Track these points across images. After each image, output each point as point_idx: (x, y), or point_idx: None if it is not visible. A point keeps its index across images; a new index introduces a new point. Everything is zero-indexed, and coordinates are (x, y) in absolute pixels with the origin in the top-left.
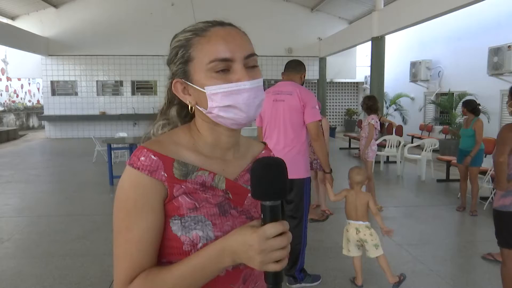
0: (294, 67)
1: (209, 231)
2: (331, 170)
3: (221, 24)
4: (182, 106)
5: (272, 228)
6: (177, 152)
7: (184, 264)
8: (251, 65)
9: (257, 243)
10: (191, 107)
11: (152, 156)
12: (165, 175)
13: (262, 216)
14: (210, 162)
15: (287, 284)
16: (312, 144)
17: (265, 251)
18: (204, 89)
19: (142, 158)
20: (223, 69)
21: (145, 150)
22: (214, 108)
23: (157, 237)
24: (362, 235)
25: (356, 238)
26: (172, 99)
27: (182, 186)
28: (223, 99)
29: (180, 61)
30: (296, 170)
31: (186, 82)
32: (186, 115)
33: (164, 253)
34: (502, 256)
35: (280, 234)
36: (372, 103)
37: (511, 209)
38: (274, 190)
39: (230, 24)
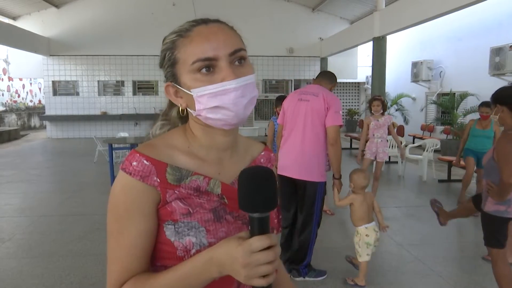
0: (328, 77)
1: (203, 238)
2: (340, 176)
3: (205, 22)
4: None
5: (258, 241)
6: (171, 156)
7: (171, 272)
8: (238, 60)
9: (242, 257)
10: (183, 110)
11: (145, 161)
12: (158, 180)
13: (249, 228)
14: (205, 165)
15: (291, 276)
16: (328, 148)
17: (250, 265)
18: (190, 92)
19: (134, 163)
20: (208, 69)
21: (138, 154)
22: (202, 111)
23: (148, 242)
24: (378, 234)
25: (375, 239)
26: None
27: (175, 191)
28: (210, 101)
29: (168, 64)
30: (310, 173)
31: (175, 85)
32: (187, 116)
33: (159, 257)
34: (492, 257)
35: (268, 248)
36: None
37: (505, 215)
38: (261, 201)
39: (216, 21)
